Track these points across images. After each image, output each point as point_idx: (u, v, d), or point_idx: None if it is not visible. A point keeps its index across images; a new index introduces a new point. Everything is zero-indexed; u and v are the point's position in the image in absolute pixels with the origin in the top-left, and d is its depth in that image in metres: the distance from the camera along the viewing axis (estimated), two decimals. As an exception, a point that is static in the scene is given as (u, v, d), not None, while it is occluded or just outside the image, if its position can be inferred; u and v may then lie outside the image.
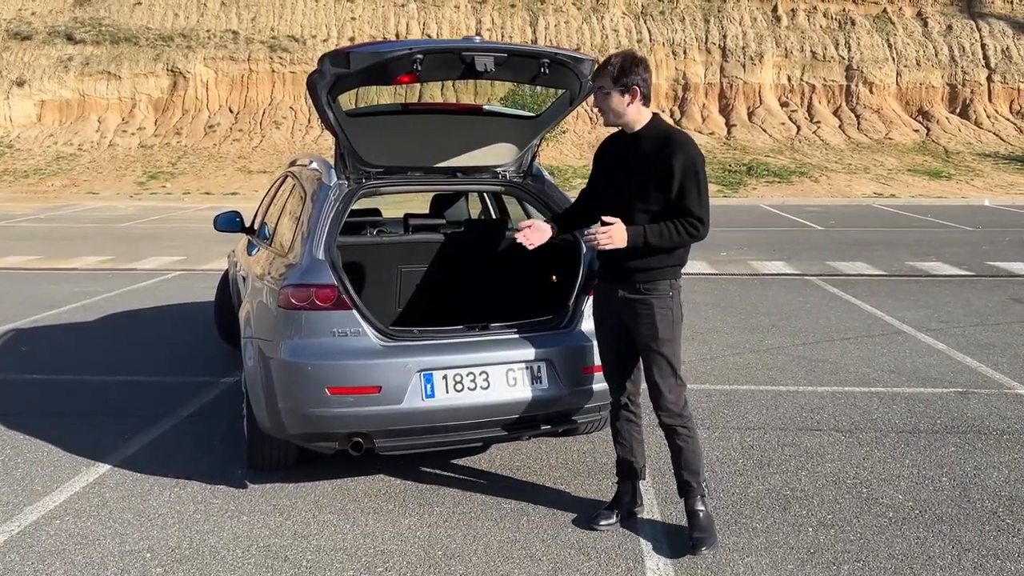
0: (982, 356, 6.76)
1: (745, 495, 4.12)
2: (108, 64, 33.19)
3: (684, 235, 3.41)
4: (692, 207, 3.39)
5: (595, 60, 4.01)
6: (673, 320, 3.55)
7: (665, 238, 3.40)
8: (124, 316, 8.45)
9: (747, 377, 6.21)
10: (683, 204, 3.40)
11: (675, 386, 3.56)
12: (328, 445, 3.85)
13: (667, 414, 3.57)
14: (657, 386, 3.55)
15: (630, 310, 3.55)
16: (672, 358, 3.55)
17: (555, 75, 3.86)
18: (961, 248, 13.71)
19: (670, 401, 3.55)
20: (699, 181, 3.40)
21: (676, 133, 3.52)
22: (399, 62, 3.60)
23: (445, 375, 3.79)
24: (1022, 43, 34.02)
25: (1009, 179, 26.96)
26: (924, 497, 4.09)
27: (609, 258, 3.53)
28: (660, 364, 3.53)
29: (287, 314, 3.79)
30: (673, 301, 3.55)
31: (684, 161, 3.37)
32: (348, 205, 4.10)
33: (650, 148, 3.45)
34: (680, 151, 3.39)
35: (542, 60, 3.77)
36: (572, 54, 3.86)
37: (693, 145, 3.47)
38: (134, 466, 4.48)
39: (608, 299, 3.64)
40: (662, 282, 3.52)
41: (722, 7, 34.95)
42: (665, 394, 3.54)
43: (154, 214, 20.85)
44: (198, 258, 12.51)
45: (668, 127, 3.57)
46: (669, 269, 3.54)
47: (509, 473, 4.38)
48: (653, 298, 3.51)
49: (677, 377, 3.57)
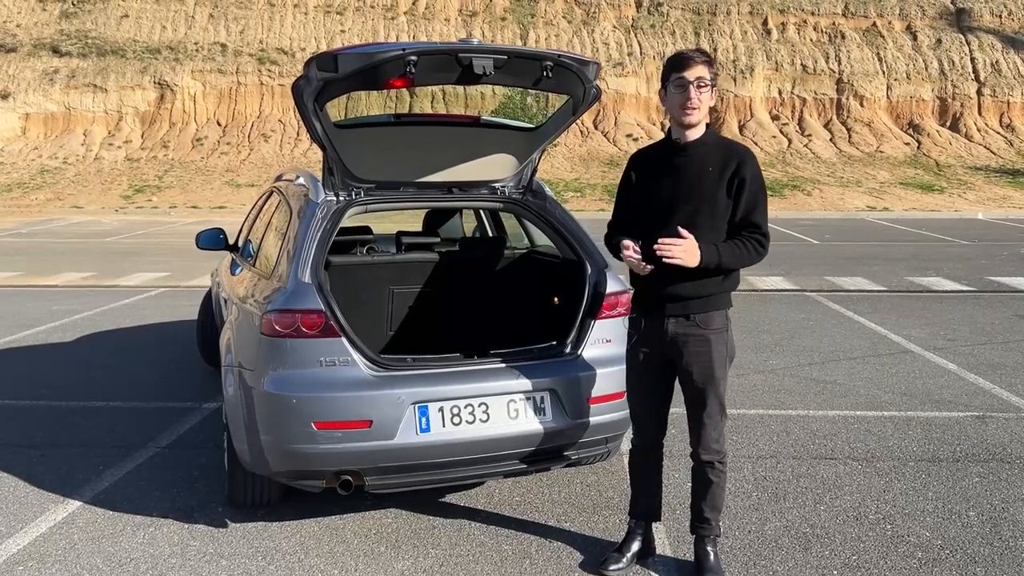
0: (995, 377, 6.53)
1: (762, 533, 3.85)
2: (94, 77, 32.84)
3: (754, 253, 3.17)
4: (761, 222, 3.17)
5: (600, 64, 3.76)
6: (728, 356, 3.29)
7: (737, 257, 3.14)
8: (104, 336, 8.12)
9: (754, 400, 5.95)
10: (750, 219, 3.16)
11: (720, 423, 3.32)
12: (315, 483, 3.55)
13: (707, 452, 3.31)
14: (704, 426, 3.28)
15: (681, 347, 3.24)
16: (723, 397, 3.30)
17: (558, 79, 3.59)
18: (959, 263, 13.54)
19: (714, 439, 3.30)
20: (765, 194, 3.21)
21: (737, 143, 3.31)
22: (391, 65, 3.33)
23: (441, 407, 3.51)
24: (1011, 57, 34.13)
25: (1001, 192, 26.93)
26: (953, 534, 3.83)
27: (652, 284, 3.20)
28: (712, 404, 3.26)
29: (270, 342, 3.51)
30: (728, 334, 3.28)
31: (753, 173, 3.16)
32: (337, 223, 3.83)
33: (712, 159, 3.17)
34: (748, 162, 3.17)
35: (545, 63, 3.50)
36: (577, 56, 3.61)
37: (754, 156, 3.25)
38: (106, 503, 4.17)
39: (651, 333, 3.30)
40: (717, 313, 3.25)
41: (712, 21, 34.95)
42: (709, 432, 3.29)
43: (139, 228, 20.49)
44: (183, 274, 12.19)
45: (724, 137, 3.35)
46: (724, 296, 3.27)
47: (509, 510, 4.09)
48: (711, 333, 3.22)
49: (725, 414, 3.34)
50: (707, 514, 3.39)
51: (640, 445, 3.52)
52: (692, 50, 3.18)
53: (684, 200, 3.17)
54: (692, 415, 3.33)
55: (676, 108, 3.16)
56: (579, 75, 3.61)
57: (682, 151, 3.22)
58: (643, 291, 3.31)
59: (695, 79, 3.08)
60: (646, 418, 3.46)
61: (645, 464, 3.54)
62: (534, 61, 3.52)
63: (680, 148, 3.23)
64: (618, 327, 3.86)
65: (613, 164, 29.50)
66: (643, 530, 3.59)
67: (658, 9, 35.49)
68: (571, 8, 35.62)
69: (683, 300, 3.20)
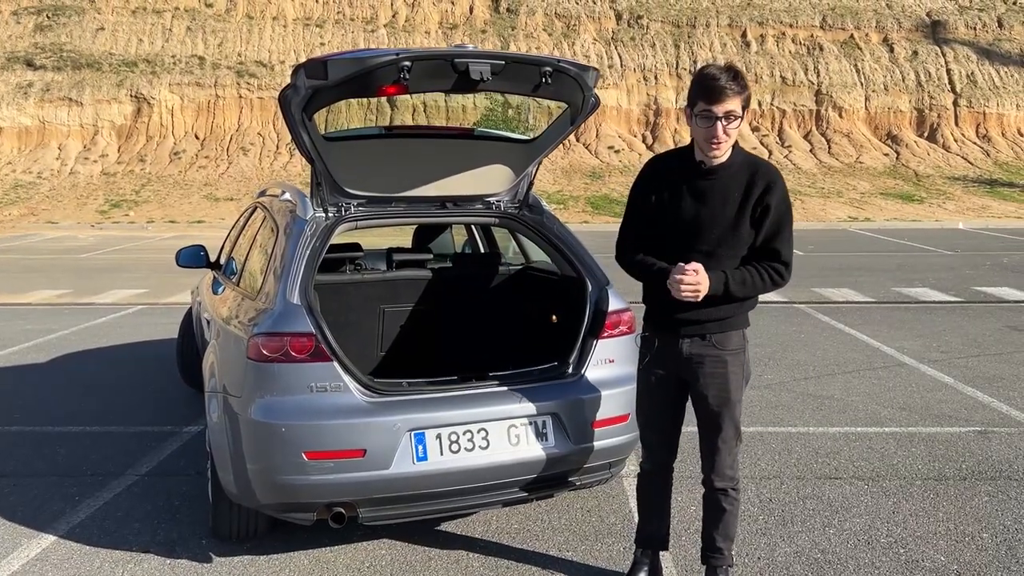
0: (992, 390, 6.44)
1: (772, 560, 3.70)
2: (69, 90, 32.43)
3: (768, 283, 2.97)
4: (782, 250, 2.97)
5: (599, 71, 3.62)
6: (745, 378, 3.13)
7: (748, 287, 2.96)
8: (79, 357, 7.86)
9: (753, 417, 5.81)
10: (771, 247, 2.97)
11: (735, 448, 3.17)
12: (305, 516, 3.36)
13: (721, 479, 3.16)
14: (719, 451, 3.12)
15: (697, 368, 3.07)
16: (739, 421, 3.15)
17: (557, 86, 3.44)
18: (944, 273, 13.55)
19: (727, 465, 3.15)
20: (791, 219, 2.99)
21: (763, 162, 3.07)
22: (384, 71, 3.16)
23: (439, 434, 3.33)
24: (986, 68, 34.54)
25: (980, 202, 27.16)
26: (968, 558, 3.70)
27: (667, 303, 3.00)
28: (727, 428, 3.11)
29: (257, 367, 3.32)
30: (745, 355, 3.12)
31: (780, 197, 2.95)
32: (326, 241, 3.65)
33: (737, 182, 2.95)
34: (776, 185, 2.95)
35: (544, 69, 3.35)
36: (577, 63, 3.47)
37: (781, 176, 3.04)
38: (83, 537, 3.95)
39: (665, 353, 3.13)
40: (735, 333, 3.08)
41: (692, 33, 35.12)
42: (724, 458, 3.14)
43: (116, 244, 20.15)
44: (161, 291, 11.92)
45: (748, 153, 3.08)
46: (742, 317, 3.10)
47: (508, 539, 3.91)
48: (728, 354, 3.06)
49: (740, 439, 3.20)
50: (720, 544, 3.24)
51: (650, 470, 3.36)
52: (725, 74, 2.84)
53: (707, 227, 2.98)
54: (706, 439, 3.17)
55: (701, 140, 2.93)
56: (578, 81, 3.47)
57: (708, 175, 2.99)
58: (657, 310, 3.14)
59: (724, 113, 2.83)
60: (657, 442, 3.31)
61: (654, 490, 3.39)
62: (532, 67, 3.38)
63: (706, 172, 2.99)
64: (621, 347, 3.71)
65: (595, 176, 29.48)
66: (650, 559, 3.43)
67: (638, 22, 35.63)
68: (551, 21, 35.69)
69: (701, 322, 3.03)
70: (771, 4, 36.22)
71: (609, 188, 28.49)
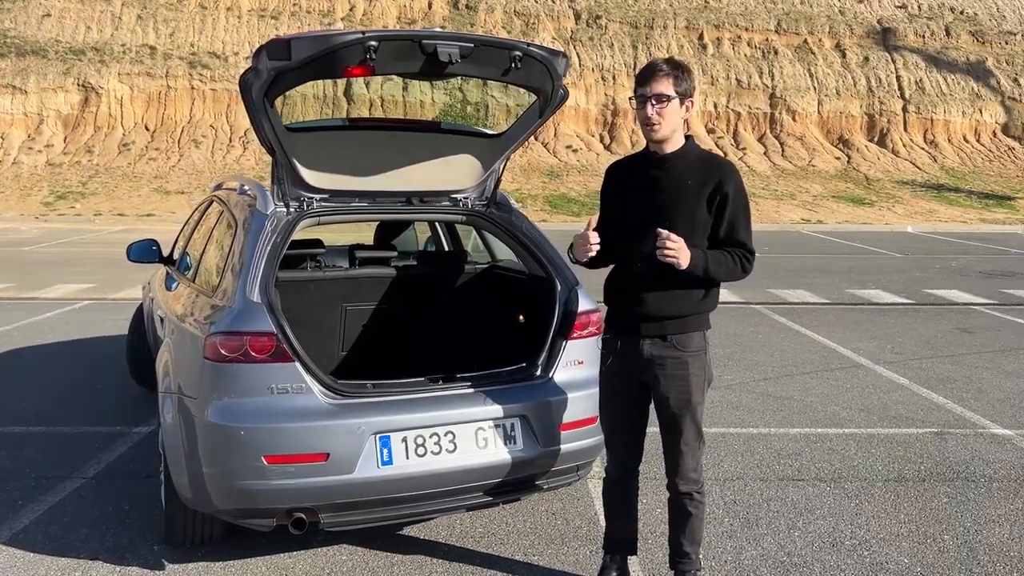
0: (946, 392, 6.54)
1: (739, 563, 3.68)
2: (13, 78, 31.35)
3: (739, 268, 3.04)
4: (745, 239, 3.04)
5: (568, 58, 3.58)
6: (706, 379, 3.13)
7: (723, 267, 3.01)
8: (22, 354, 7.57)
9: (714, 418, 5.81)
10: (734, 237, 3.02)
11: (697, 450, 3.15)
12: (264, 522, 3.24)
13: (685, 482, 3.13)
14: (682, 454, 3.10)
15: (658, 370, 3.06)
16: (700, 423, 3.13)
17: (527, 71, 3.37)
18: (895, 275, 13.79)
19: (690, 468, 3.12)
20: (748, 211, 3.07)
21: (717, 156, 3.17)
22: (350, 50, 3.06)
23: (404, 437, 3.24)
24: (934, 75, 35.35)
25: (927, 206, 27.77)
26: (930, 560, 3.73)
27: (628, 302, 3.05)
28: (689, 431, 3.08)
29: (215, 367, 3.18)
30: (706, 357, 3.11)
31: (736, 188, 3.01)
32: (288, 237, 3.52)
33: (692, 173, 3.01)
34: (731, 177, 3.02)
35: (513, 53, 3.28)
36: (547, 47, 3.42)
37: (737, 171, 3.11)
38: (27, 543, 3.77)
39: (626, 354, 3.11)
40: (696, 334, 3.08)
41: (650, 35, 35.32)
42: (687, 461, 3.11)
43: (61, 237, 19.55)
44: (109, 286, 11.56)
45: (704, 149, 3.18)
46: (703, 317, 3.11)
47: (472, 543, 3.83)
48: (689, 355, 3.05)
49: (702, 441, 3.18)
50: (686, 548, 3.20)
51: (615, 474, 3.31)
52: (663, 60, 3.01)
53: (660, 213, 3.00)
54: (668, 442, 3.14)
55: (640, 125, 3.04)
56: (548, 68, 3.41)
57: (659, 164, 3.06)
58: (618, 310, 3.14)
59: (654, 94, 2.94)
60: (621, 445, 3.26)
61: (620, 494, 3.34)
62: (502, 50, 3.30)
63: (657, 161, 3.07)
64: (590, 348, 3.65)
65: (553, 175, 29.49)
66: (619, 564, 3.38)
67: (597, 21, 35.73)
68: (510, 19, 35.60)
69: (660, 320, 3.03)
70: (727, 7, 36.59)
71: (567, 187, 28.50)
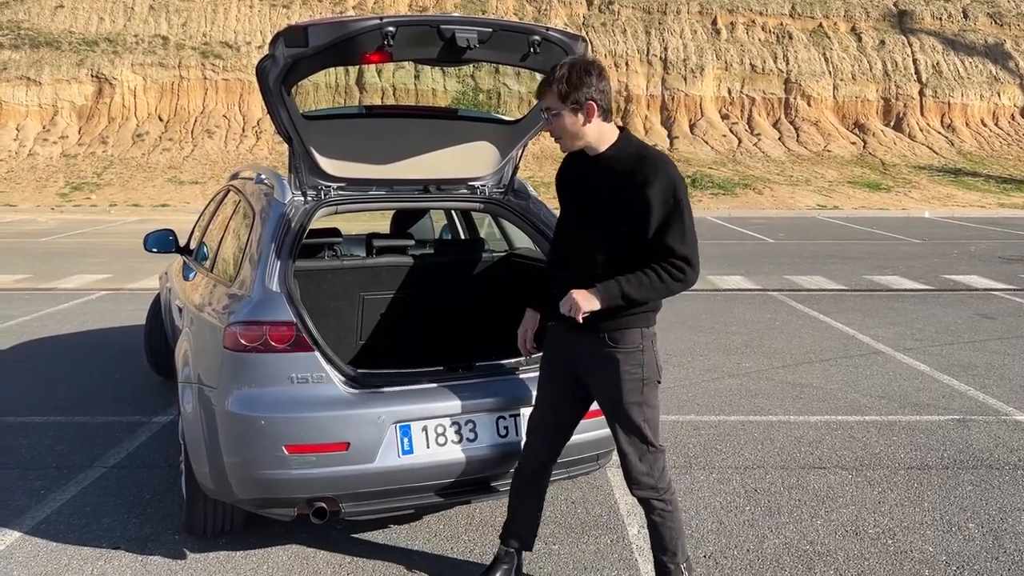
0: (968, 378, 6.48)
1: (762, 552, 3.65)
2: (27, 69, 31.52)
3: (670, 282, 2.75)
4: (675, 245, 2.74)
5: (588, 42, 3.52)
6: (643, 380, 2.88)
7: (647, 289, 2.76)
8: (42, 344, 7.61)
9: (733, 406, 5.78)
10: (663, 243, 2.75)
11: (647, 454, 2.92)
12: (285, 512, 3.23)
13: (638, 487, 2.95)
14: (625, 454, 2.94)
15: (590, 364, 2.93)
16: (643, 424, 2.90)
17: (546, 56, 3.31)
18: (914, 261, 13.68)
19: (641, 472, 2.92)
20: (682, 212, 2.75)
21: (650, 153, 2.85)
22: (367, 36, 3.02)
23: (425, 427, 3.22)
24: (951, 58, 34.97)
25: (944, 191, 27.52)
26: (956, 548, 3.69)
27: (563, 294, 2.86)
28: (627, 430, 2.91)
29: (235, 357, 3.18)
30: (645, 355, 2.87)
31: (663, 188, 2.73)
32: (306, 226, 3.51)
33: (619, 173, 2.80)
34: (657, 175, 2.74)
35: (532, 37, 3.23)
36: (566, 31, 3.37)
37: (672, 167, 2.81)
38: (49, 533, 3.79)
39: (563, 343, 2.99)
40: (631, 331, 2.86)
41: (663, 20, 35.07)
42: (634, 464, 2.92)
43: (78, 228, 19.67)
44: (126, 276, 11.61)
45: (640, 145, 2.90)
46: (642, 316, 2.87)
47: (492, 533, 3.77)
48: (619, 352, 2.85)
49: (649, 445, 2.93)
50: (662, 558, 3.02)
51: (526, 465, 3.17)
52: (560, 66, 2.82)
53: (582, 228, 2.90)
54: (616, 442, 2.99)
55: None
56: (567, 52, 3.35)
57: (587, 165, 2.90)
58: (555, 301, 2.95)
59: (544, 108, 2.86)
60: (540, 437, 3.12)
61: (529, 487, 3.21)
62: (520, 35, 3.26)
63: (586, 161, 2.91)
64: (610, 336, 3.61)
65: (566, 162, 29.34)
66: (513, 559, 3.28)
67: (609, 7, 35.50)
68: (522, 5, 35.44)
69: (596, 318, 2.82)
70: (741, -8, 36.32)
71: (580, 174, 28.45)
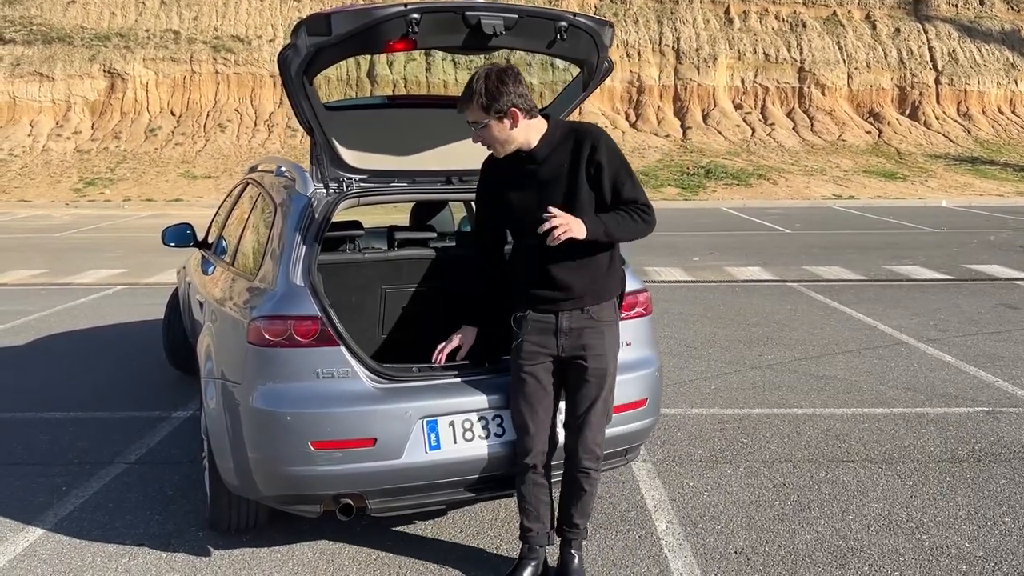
0: (995, 369, 6.37)
1: (794, 547, 3.58)
2: (40, 65, 31.59)
3: (640, 223, 2.97)
4: (637, 196, 2.97)
5: (614, 27, 3.48)
6: (618, 346, 3.16)
7: (623, 226, 2.95)
8: (59, 339, 7.61)
9: (757, 399, 5.70)
10: (623, 197, 2.96)
11: (604, 424, 3.15)
12: (311, 508, 3.19)
13: (590, 457, 3.10)
14: (590, 425, 3.08)
15: (576, 342, 3.04)
16: (612, 393, 3.15)
17: (573, 43, 3.28)
18: (933, 251, 13.52)
19: (597, 442, 3.11)
20: (627, 166, 3.02)
21: (582, 125, 3.06)
22: (391, 24, 2.98)
23: (452, 422, 3.17)
24: (967, 46, 34.56)
25: (961, 180, 27.23)
26: (992, 544, 3.61)
27: (542, 279, 3.02)
28: (602, 402, 3.09)
29: (259, 352, 3.13)
30: (617, 324, 3.16)
31: (608, 152, 2.95)
32: (329, 218, 3.45)
33: (561, 152, 2.97)
34: (600, 143, 2.95)
35: (559, 24, 3.19)
36: (593, 17, 3.33)
37: (605, 132, 3.04)
38: (72, 530, 3.76)
39: (544, 331, 3.05)
40: (608, 303, 3.11)
41: (675, 9, 34.80)
42: (597, 435, 3.10)
43: (92, 223, 19.71)
44: (142, 271, 11.62)
45: (567, 123, 3.09)
46: (612, 284, 3.13)
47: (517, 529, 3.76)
48: (604, 324, 3.08)
49: (608, 416, 3.17)
50: (577, 520, 3.20)
51: (530, 463, 3.11)
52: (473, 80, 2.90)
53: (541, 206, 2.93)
54: (577, 414, 3.09)
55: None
56: (594, 39, 3.32)
57: (524, 158, 3.00)
58: (529, 286, 3.07)
59: (470, 123, 2.96)
60: (537, 431, 3.09)
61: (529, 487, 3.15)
62: (547, 21, 3.21)
63: (529, 157, 3.00)
64: (637, 328, 3.56)
65: (578, 153, 29.17)
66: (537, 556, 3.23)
67: (621, -3, 35.24)
68: (533, -4, 35.21)
69: (579, 296, 3.03)
70: (754, -20, 35.97)
71: (592, 166, 28.29)
